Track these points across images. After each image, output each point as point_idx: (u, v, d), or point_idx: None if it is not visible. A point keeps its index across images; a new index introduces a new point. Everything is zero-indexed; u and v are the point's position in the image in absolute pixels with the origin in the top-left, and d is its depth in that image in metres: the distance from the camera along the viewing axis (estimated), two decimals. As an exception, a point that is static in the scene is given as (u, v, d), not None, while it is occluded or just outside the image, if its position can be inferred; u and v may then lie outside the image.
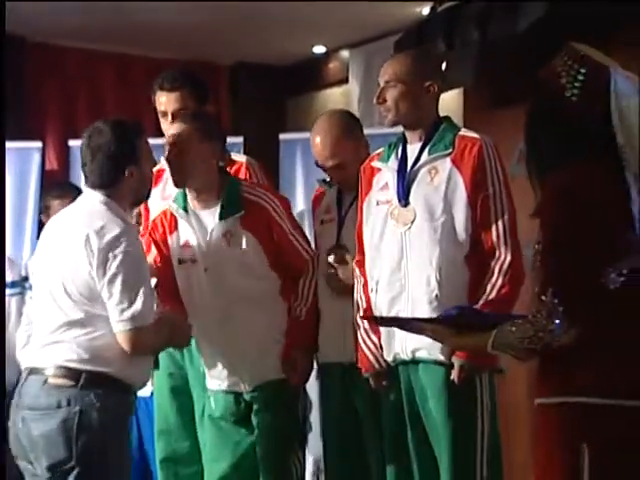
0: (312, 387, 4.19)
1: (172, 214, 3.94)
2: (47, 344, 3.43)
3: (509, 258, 3.47)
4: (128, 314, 3.36)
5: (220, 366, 3.89)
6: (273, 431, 3.86)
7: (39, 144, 6.49)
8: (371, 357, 3.66)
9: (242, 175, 4.07)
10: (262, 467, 3.86)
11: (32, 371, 3.45)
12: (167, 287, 3.92)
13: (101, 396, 3.36)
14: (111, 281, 3.37)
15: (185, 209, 3.89)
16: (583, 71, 2.59)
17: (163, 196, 4.20)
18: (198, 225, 3.89)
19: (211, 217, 3.87)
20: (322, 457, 4.12)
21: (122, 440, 3.48)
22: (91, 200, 3.53)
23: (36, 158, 6.38)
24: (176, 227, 3.93)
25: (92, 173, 3.51)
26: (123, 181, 3.50)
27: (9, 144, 6.30)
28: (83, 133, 3.58)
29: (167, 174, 4.01)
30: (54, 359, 3.40)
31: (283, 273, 3.91)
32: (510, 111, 2.78)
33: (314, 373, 4.04)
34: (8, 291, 5.22)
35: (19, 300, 5.25)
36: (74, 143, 6.61)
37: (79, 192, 5.40)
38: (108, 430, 3.38)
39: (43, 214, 5.44)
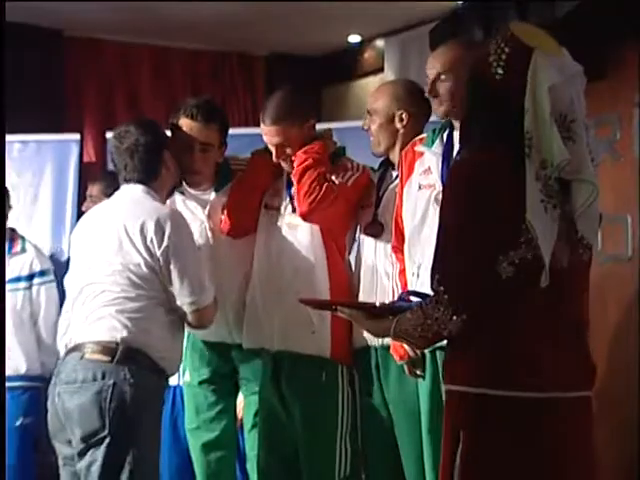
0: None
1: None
2: (89, 322, 3.61)
3: None
4: (197, 295, 3.63)
5: (273, 324, 3.89)
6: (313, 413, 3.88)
7: (77, 136, 6.52)
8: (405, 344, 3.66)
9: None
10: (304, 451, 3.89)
11: (72, 349, 3.63)
12: None
13: (134, 372, 3.52)
14: (176, 266, 3.59)
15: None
16: (507, 50, 2.60)
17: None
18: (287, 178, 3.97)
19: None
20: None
21: (153, 415, 3.62)
22: (133, 192, 3.74)
23: (74, 150, 6.42)
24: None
25: (134, 171, 3.71)
26: (162, 173, 3.75)
27: (48, 136, 6.40)
28: (113, 134, 3.77)
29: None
30: (93, 336, 3.57)
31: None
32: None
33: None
34: (37, 280, 5.26)
35: (49, 289, 5.28)
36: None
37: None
38: (140, 404, 3.52)
39: (88, 202, 5.47)
